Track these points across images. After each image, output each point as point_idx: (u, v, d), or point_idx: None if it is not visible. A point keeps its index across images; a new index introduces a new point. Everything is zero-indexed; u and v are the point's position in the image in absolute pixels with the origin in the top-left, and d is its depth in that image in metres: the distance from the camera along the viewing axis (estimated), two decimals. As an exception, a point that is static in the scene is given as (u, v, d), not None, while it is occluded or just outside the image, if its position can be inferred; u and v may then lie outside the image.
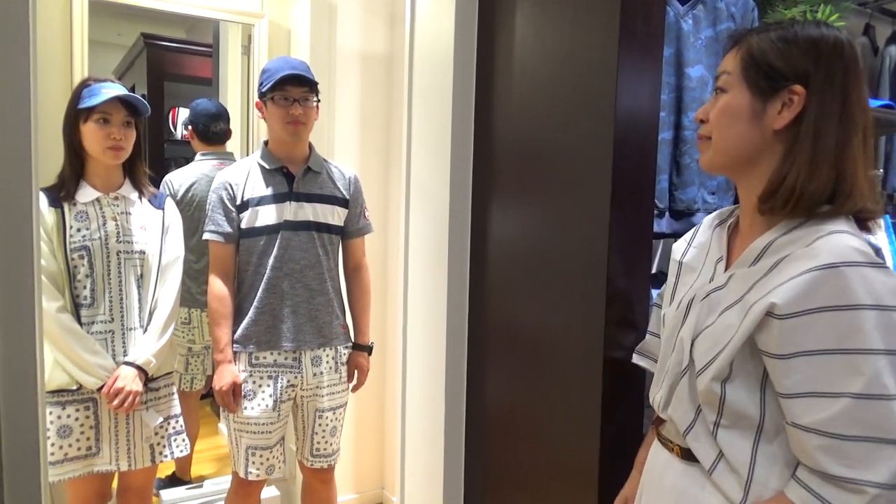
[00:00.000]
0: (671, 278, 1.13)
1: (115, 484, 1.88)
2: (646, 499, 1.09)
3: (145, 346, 1.74)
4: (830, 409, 0.80)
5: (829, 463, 0.81)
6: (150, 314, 1.78)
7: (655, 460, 1.08)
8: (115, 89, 1.69)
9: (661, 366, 1.07)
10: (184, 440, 1.87)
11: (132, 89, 3.58)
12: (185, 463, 2.69)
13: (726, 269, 0.99)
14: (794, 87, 0.89)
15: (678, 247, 1.14)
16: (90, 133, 1.68)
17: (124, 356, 1.72)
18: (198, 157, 2.63)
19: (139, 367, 1.70)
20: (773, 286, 0.85)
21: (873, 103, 1.91)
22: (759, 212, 0.93)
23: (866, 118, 0.91)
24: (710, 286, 0.98)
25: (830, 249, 0.82)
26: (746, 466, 0.90)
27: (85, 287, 1.68)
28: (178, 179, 2.50)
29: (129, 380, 1.67)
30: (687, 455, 0.99)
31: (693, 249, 1.10)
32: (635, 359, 1.28)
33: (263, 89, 1.84)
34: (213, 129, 2.62)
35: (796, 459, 0.87)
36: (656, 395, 1.07)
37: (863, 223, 0.92)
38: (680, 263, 1.11)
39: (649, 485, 1.09)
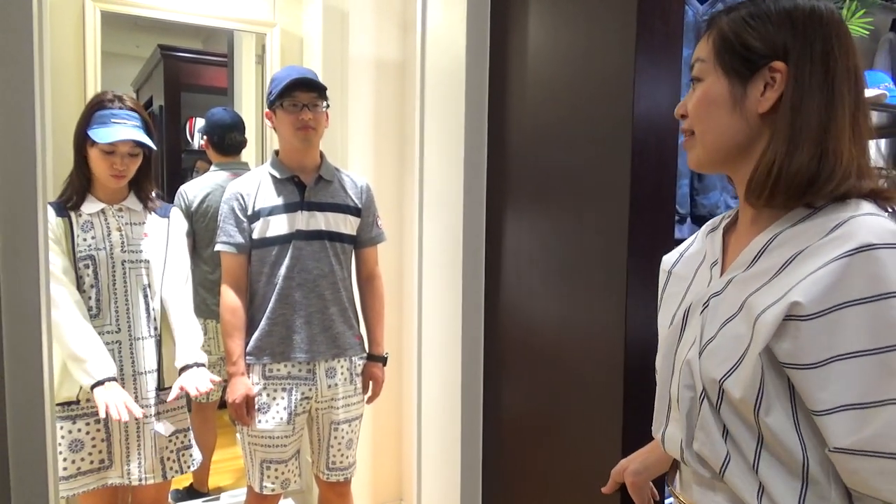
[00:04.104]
0: (659, 292, 1.02)
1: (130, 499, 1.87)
2: None
3: (191, 343, 1.79)
4: (875, 422, 0.68)
5: (889, 491, 0.68)
6: (160, 321, 1.78)
7: None
8: (123, 128, 1.66)
9: (661, 395, 0.93)
10: (191, 455, 1.86)
11: (150, 101, 3.63)
12: (202, 475, 2.68)
13: (722, 273, 0.88)
14: (773, 63, 0.81)
15: (668, 258, 1.03)
16: (95, 159, 1.69)
17: (133, 366, 1.72)
18: (212, 167, 2.62)
19: (201, 364, 1.77)
20: (791, 285, 0.73)
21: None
22: (747, 202, 0.85)
23: (857, 88, 0.82)
24: (706, 291, 0.87)
25: (861, 231, 0.71)
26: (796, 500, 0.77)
27: (90, 297, 1.68)
28: (192, 190, 2.49)
29: (204, 377, 1.74)
30: None
31: (684, 259, 0.99)
32: None
33: (272, 97, 1.83)
34: (228, 140, 2.62)
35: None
36: (665, 431, 0.92)
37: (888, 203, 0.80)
38: (669, 273, 1.00)
39: None
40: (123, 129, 1.66)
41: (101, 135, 1.64)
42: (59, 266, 1.62)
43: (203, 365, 1.76)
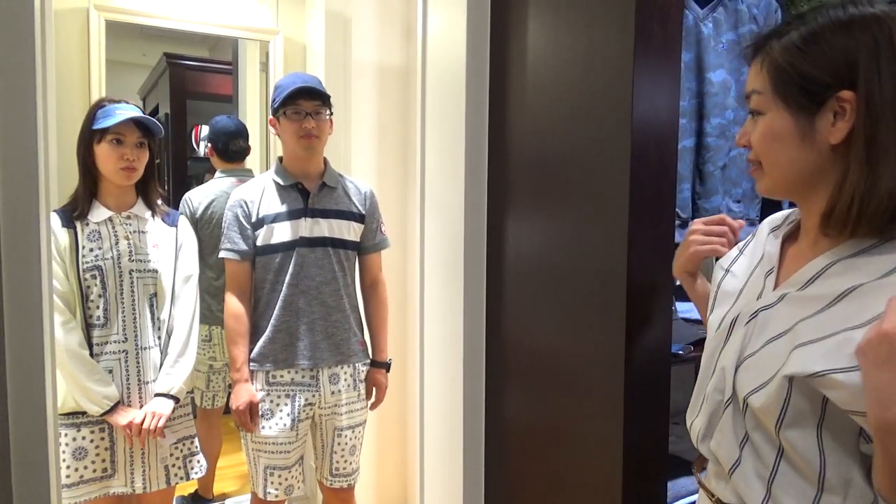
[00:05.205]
0: (713, 287, 1.01)
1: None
2: None
3: (175, 373, 1.75)
4: None
5: None
6: (168, 335, 1.77)
7: None
8: (129, 110, 1.69)
9: (699, 389, 0.96)
10: (198, 461, 1.86)
11: (156, 109, 3.65)
12: (207, 481, 2.69)
13: (776, 286, 0.87)
14: (840, 94, 0.75)
15: (729, 251, 1.03)
16: (103, 153, 1.68)
17: (139, 376, 1.72)
18: (217, 174, 2.63)
19: (173, 397, 1.74)
20: (840, 325, 0.72)
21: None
22: (823, 234, 0.81)
23: None
24: (757, 304, 0.86)
25: None
26: None
27: (98, 307, 1.68)
28: (196, 197, 2.50)
29: (166, 410, 1.71)
30: None
31: (744, 258, 0.98)
32: None
33: (276, 105, 1.83)
34: (232, 147, 2.63)
35: None
36: (694, 421, 0.95)
37: None
38: (726, 271, 0.99)
39: None
40: (128, 111, 1.69)
41: (108, 120, 1.66)
42: (56, 289, 1.60)
43: (175, 399, 1.75)
